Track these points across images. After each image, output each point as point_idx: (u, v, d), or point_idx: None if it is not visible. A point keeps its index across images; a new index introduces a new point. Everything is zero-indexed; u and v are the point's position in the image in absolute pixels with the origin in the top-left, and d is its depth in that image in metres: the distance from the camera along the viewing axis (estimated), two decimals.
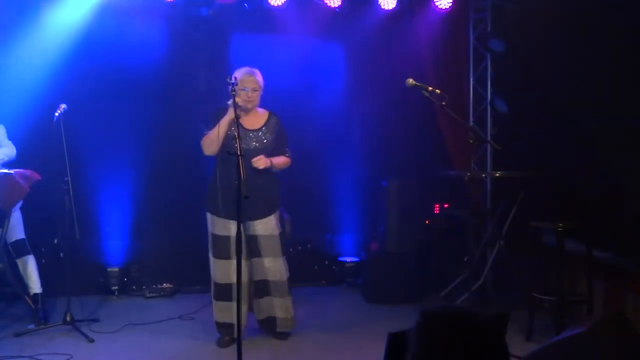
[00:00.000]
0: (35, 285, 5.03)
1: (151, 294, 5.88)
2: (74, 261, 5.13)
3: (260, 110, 4.57)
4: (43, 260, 5.51)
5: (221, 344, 4.55)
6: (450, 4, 5.85)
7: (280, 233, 4.56)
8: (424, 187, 5.82)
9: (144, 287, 5.95)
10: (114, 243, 5.98)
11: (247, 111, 4.43)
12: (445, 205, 6.06)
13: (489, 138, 5.91)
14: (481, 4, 6.04)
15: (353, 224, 6.43)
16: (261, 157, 4.36)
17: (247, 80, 4.38)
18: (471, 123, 6.01)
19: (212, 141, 4.30)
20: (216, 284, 4.53)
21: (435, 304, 1.58)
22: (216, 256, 4.49)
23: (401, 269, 5.73)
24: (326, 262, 6.43)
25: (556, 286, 4.65)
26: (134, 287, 5.97)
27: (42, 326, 4.81)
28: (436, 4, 5.84)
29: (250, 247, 4.51)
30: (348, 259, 6.38)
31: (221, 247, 4.44)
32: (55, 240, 5.62)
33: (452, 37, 6.08)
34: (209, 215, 4.50)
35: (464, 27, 6.11)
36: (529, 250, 4.97)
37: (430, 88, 4.54)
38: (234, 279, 4.32)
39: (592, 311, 4.60)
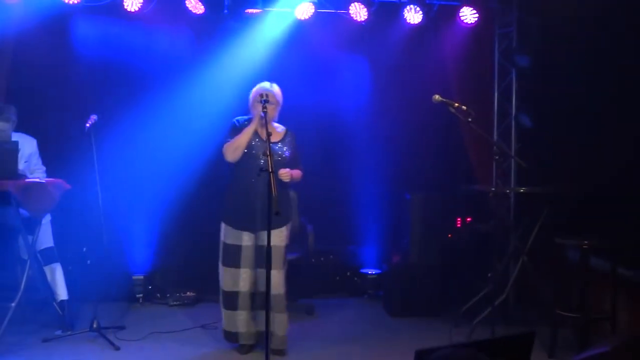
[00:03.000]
0: (62, 292, 5.11)
1: (175, 302, 5.95)
2: (100, 268, 5.21)
3: (277, 125, 4.68)
4: (70, 267, 5.59)
5: (241, 350, 4.64)
6: (476, 19, 5.87)
7: (286, 245, 4.65)
8: (447, 200, 5.83)
9: (167, 295, 6.03)
10: (139, 251, 6.07)
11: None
12: (468, 220, 6.06)
13: (513, 153, 5.91)
14: (506, 18, 6.05)
15: (375, 236, 6.45)
16: (287, 170, 4.50)
17: (265, 94, 4.53)
18: (495, 138, 6.01)
19: (235, 147, 4.46)
20: (224, 292, 4.61)
21: (432, 347, 1.59)
22: (225, 264, 4.58)
23: (423, 281, 5.73)
24: (348, 274, 6.44)
25: (580, 303, 4.63)
26: (158, 295, 6.05)
27: (69, 332, 4.89)
28: (462, 18, 5.86)
29: (261, 257, 4.58)
30: (370, 271, 6.39)
31: (231, 256, 4.55)
32: (84, 249, 5.72)
33: (478, 52, 6.09)
34: (222, 225, 4.62)
35: (489, 41, 6.12)
36: (552, 266, 4.95)
37: (456, 104, 4.56)
38: (240, 288, 4.52)
39: (616, 329, 4.57)
